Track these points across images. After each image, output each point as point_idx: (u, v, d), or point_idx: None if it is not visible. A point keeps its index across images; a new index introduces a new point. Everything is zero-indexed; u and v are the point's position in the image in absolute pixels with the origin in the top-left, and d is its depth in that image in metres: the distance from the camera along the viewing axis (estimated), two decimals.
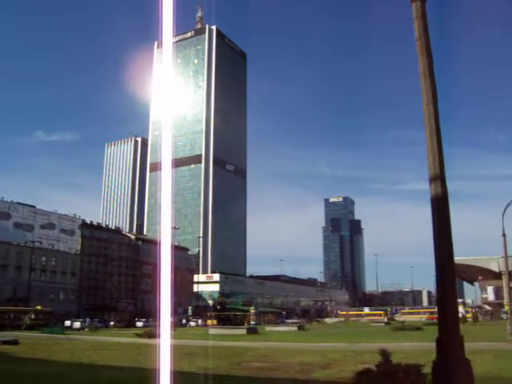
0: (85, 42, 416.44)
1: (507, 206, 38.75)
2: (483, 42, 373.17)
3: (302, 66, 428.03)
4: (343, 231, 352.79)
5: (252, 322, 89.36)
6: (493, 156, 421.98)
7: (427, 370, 6.98)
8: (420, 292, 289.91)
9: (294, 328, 64.68)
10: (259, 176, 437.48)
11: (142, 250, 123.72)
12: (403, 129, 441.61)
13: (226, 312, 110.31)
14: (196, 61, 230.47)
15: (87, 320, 73.87)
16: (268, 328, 65.65)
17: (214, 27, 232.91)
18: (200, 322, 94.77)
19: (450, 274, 6.70)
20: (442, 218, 6.84)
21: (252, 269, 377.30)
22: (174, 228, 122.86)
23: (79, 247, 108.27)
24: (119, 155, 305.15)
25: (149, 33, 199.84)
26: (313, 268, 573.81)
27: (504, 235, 39.40)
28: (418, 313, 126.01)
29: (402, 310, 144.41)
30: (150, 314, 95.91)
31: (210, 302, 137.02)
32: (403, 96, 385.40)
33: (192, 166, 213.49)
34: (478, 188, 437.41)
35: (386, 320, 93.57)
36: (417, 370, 9.70)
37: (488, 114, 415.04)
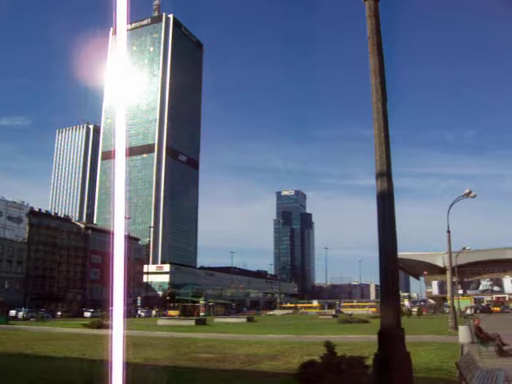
0: (38, 25, 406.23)
1: (452, 203, 39.97)
2: (435, 41, 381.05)
3: (257, 60, 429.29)
4: (294, 224, 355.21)
5: (201, 314, 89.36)
6: (441, 155, 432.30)
7: (370, 361, 7.13)
8: (368, 285, 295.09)
9: (243, 319, 64.89)
10: (212, 167, 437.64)
11: (91, 239, 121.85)
12: (355, 125, 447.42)
13: (175, 303, 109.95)
14: (152, 49, 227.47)
15: (30, 310, 72.49)
16: (217, 319, 65.73)
17: (170, 15, 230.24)
18: (149, 312, 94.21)
19: (393, 268, 6.85)
20: (387, 213, 6.98)
21: (203, 260, 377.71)
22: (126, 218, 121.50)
23: (26, 235, 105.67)
24: (70, 142, 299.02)
25: (105, 18, 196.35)
26: (263, 260, 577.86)
27: (448, 232, 40.53)
28: (358, 306, 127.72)
29: (343, 303, 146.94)
30: (98, 304, 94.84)
31: (160, 293, 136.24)
32: (356, 93, 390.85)
33: (144, 155, 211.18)
34: (427, 185, 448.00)
35: (333, 313, 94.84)
36: (360, 361, 9.88)
37: (437, 113, 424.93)
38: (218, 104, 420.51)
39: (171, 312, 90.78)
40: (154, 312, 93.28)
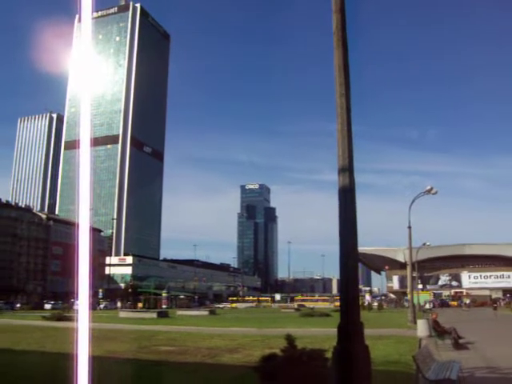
0: (1, 11, 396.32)
1: (414, 200, 40.66)
2: (401, 38, 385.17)
3: (224, 53, 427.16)
4: (258, 218, 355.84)
5: (164, 306, 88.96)
6: (404, 151, 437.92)
7: (330, 354, 7.21)
8: (330, 280, 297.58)
9: (206, 312, 64.85)
10: (177, 159, 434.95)
11: (53, 230, 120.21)
12: (321, 120, 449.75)
13: (137, 295, 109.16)
14: (118, 38, 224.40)
15: None
16: (179, 312, 65.53)
17: (138, 5, 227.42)
18: (111, 304, 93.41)
19: (353, 263, 6.93)
20: (349, 208, 7.05)
21: (166, 252, 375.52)
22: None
23: None
24: (33, 131, 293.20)
25: (70, 5, 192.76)
26: (226, 254, 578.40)
27: (409, 227, 41.23)
28: (311, 300, 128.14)
29: (295, 297, 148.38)
30: (59, 296, 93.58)
31: (122, 285, 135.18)
32: (322, 88, 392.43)
33: (108, 146, 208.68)
34: (389, 181, 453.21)
35: (295, 306, 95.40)
36: (320, 354, 9.97)
37: (401, 110, 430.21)
38: (184, 96, 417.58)
39: (140, 304, 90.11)
40: (119, 304, 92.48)
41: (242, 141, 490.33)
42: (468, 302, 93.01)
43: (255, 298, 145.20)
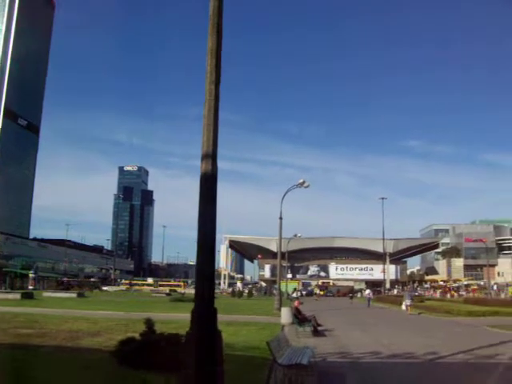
0: None
1: (286, 192, 42.05)
2: (282, 31, 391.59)
3: (108, 27, 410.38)
4: (135, 200, 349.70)
5: (30, 287, 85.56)
6: (283, 145, 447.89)
7: None
8: None
9: (74, 295, 63.16)
10: (54, 135, 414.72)
11: None
12: (200, 104, 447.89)
13: (2, 276, 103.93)
14: None
15: None
16: (46, 294, 63.41)
17: None
18: None
19: (209, 248, 6.99)
20: (209, 194, 7.10)
21: (37, 232, 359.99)
22: None
23: None
24: None
25: None
26: (101, 235, 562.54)
27: (281, 218, 42.60)
28: (169, 285, 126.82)
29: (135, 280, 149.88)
30: None
31: None
32: (202, 72, 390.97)
33: None
34: (270, 173, 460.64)
35: (167, 291, 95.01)
36: (178, 339, 10.05)
37: (283, 104, 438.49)
38: (65, 71, 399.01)
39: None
40: None
41: (122, 122, 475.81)
42: (318, 292, 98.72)
43: (127, 281, 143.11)
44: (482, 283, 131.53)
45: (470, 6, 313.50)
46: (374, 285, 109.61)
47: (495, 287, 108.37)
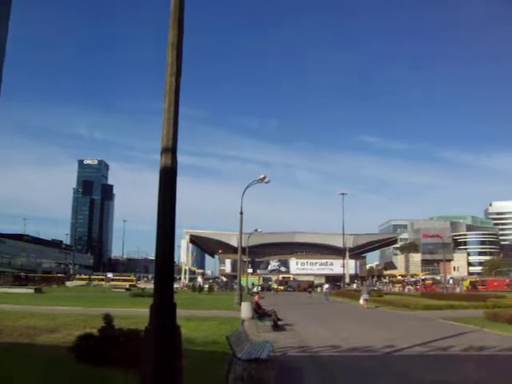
0: None
1: (247, 187, 42.20)
2: (244, 29, 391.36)
3: (67, 15, 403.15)
4: (95, 195, 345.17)
5: None
6: (245, 140, 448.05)
7: None
8: None
9: (31, 290, 62.06)
10: (10, 127, 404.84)
11: None
12: (160, 97, 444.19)
13: None
14: None
15: None
16: (2, 289, 62.12)
17: None
18: None
19: (168, 243, 6.93)
20: (168, 189, 7.04)
21: None
22: None
23: None
24: None
25: None
26: (59, 230, 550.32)
27: (241, 213, 42.74)
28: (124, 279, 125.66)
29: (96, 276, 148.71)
30: None
31: None
32: (163, 65, 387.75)
33: None
34: (231, 168, 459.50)
35: (127, 286, 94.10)
36: (137, 334, 9.96)
37: (244, 99, 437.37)
38: (24, 62, 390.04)
39: None
40: None
41: (83, 114, 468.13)
42: (276, 287, 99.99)
43: (87, 276, 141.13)
44: (438, 278, 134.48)
45: None
46: (334, 279, 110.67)
47: (451, 281, 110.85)
